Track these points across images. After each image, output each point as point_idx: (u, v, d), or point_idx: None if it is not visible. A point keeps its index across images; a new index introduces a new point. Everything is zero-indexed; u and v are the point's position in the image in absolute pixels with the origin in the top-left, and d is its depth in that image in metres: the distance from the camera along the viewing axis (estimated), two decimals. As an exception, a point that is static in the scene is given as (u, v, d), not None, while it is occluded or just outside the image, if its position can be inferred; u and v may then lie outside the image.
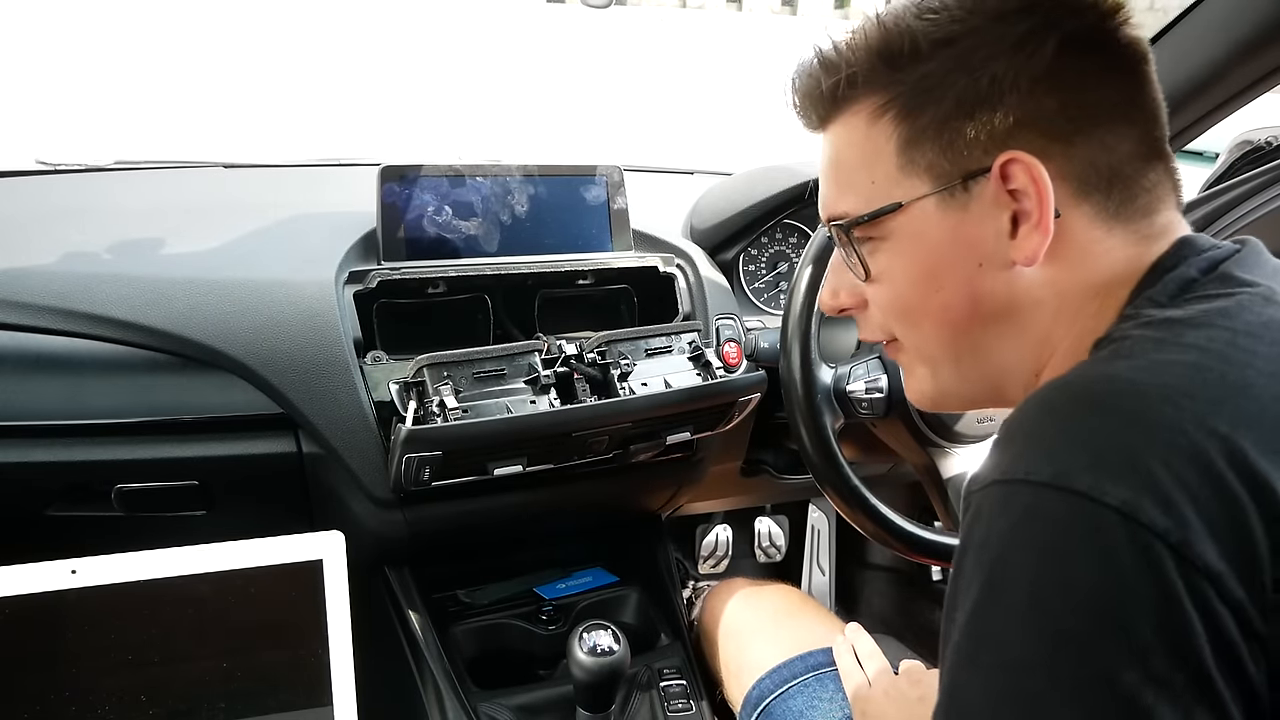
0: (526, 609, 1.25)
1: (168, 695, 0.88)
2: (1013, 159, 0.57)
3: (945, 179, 0.60)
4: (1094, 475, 0.45)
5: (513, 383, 1.05)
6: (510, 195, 1.18)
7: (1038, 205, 0.57)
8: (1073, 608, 0.43)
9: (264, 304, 1.03)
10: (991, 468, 0.50)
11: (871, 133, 0.62)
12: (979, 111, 0.58)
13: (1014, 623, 0.45)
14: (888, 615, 1.87)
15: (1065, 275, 0.60)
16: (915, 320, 0.65)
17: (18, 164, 1.39)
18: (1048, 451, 0.48)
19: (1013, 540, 0.47)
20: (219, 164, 1.46)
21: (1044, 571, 0.45)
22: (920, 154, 0.60)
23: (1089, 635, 0.43)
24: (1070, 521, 0.45)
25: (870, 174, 0.62)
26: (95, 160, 1.43)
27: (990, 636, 0.46)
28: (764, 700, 1.05)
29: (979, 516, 0.49)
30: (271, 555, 0.89)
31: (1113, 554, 0.43)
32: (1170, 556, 0.42)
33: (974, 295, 0.61)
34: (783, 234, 1.40)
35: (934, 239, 0.61)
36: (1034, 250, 0.58)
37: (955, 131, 0.59)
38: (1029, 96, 0.57)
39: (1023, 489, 0.47)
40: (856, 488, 1.01)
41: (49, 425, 1.01)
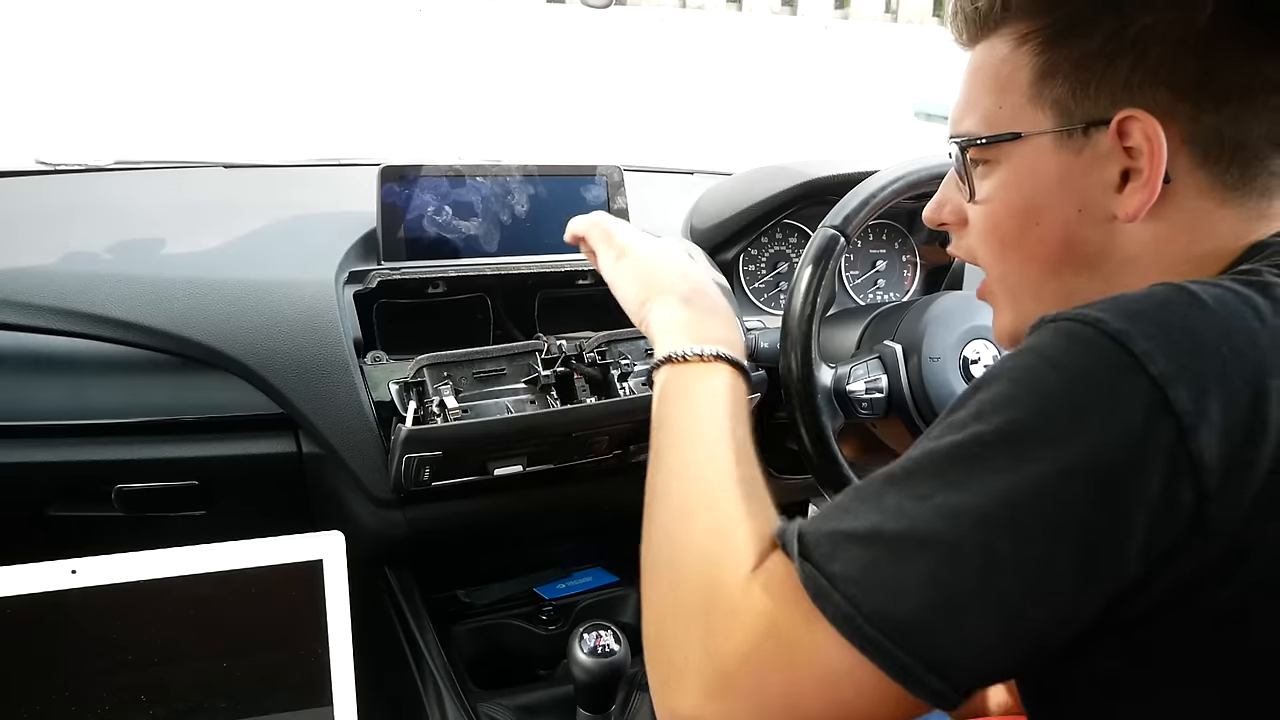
0: (526, 609, 1.25)
1: (168, 695, 0.88)
2: (1132, 116, 0.57)
3: (1068, 119, 0.60)
4: (1152, 343, 0.47)
5: (513, 383, 1.05)
6: (510, 195, 1.18)
7: (1149, 166, 0.57)
8: (1069, 424, 0.47)
9: (264, 304, 1.03)
10: (1068, 312, 0.52)
11: (1010, 58, 0.62)
12: (1118, 59, 0.57)
13: (1012, 411, 0.49)
14: (888, 615, 1.87)
15: (1165, 238, 0.60)
16: (1005, 251, 0.66)
17: (18, 164, 1.39)
18: (1125, 313, 0.49)
19: (1054, 357, 0.50)
20: (219, 164, 1.46)
21: (1062, 389, 0.48)
22: (1051, 89, 0.60)
23: (1065, 444, 0.47)
24: (1111, 369, 0.47)
25: (999, 99, 0.63)
26: (95, 160, 1.43)
27: (985, 414, 0.50)
28: None
29: (1038, 334, 0.52)
30: (271, 555, 0.89)
31: (1128, 408, 0.46)
32: (1174, 432, 0.46)
33: (1068, 238, 0.62)
34: (783, 234, 1.40)
35: (1042, 175, 0.62)
36: (1136, 208, 0.58)
37: (1090, 74, 0.58)
38: (1172, 54, 0.57)
39: (1089, 329, 0.49)
40: (856, 488, 1.01)
41: (49, 425, 1.01)
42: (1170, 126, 0.57)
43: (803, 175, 1.31)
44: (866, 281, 1.44)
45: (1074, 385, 0.49)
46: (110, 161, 1.44)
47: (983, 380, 0.53)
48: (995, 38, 0.63)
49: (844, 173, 1.26)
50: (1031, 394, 0.49)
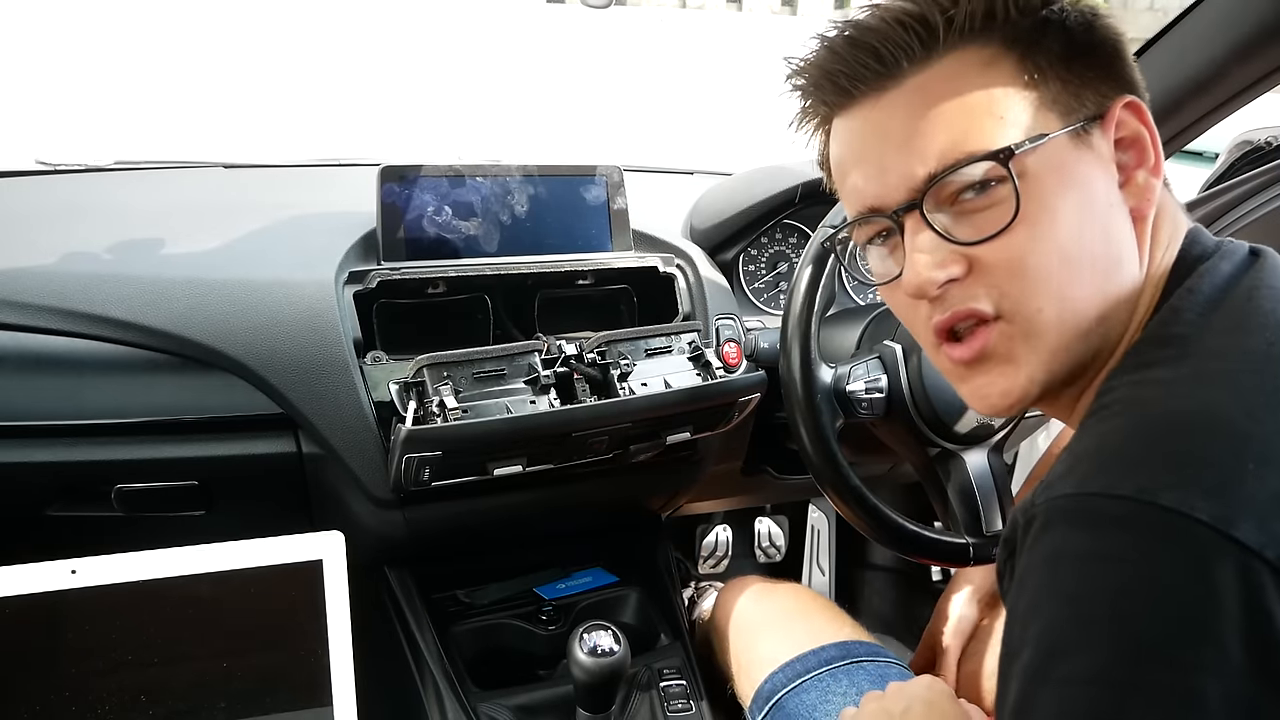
0: (526, 609, 1.25)
1: (168, 695, 0.88)
2: (1129, 101, 0.58)
3: (1072, 117, 0.59)
4: (1181, 491, 0.43)
5: (513, 383, 1.05)
6: (510, 195, 1.18)
7: (1152, 147, 0.58)
8: (1161, 619, 0.42)
9: (264, 304, 1.03)
10: (1061, 485, 0.49)
11: (989, 72, 0.59)
12: (1097, 50, 0.59)
13: (1095, 633, 0.44)
14: (888, 615, 1.87)
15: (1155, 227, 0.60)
16: (1044, 273, 0.58)
17: (18, 164, 1.39)
18: (1127, 467, 0.46)
19: (1096, 551, 0.45)
20: (219, 164, 1.46)
21: (1131, 582, 0.43)
22: (1044, 91, 0.59)
23: (1177, 648, 0.41)
24: (1159, 535, 0.43)
25: (1000, 110, 0.59)
26: (95, 160, 1.43)
27: (1066, 648, 0.44)
28: (776, 694, 1.05)
29: (1052, 529, 0.48)
30: (271, 555, 0.90)
31: (1205, 568, 0.42)
32: (1268, 573, 0.41)
33: (1106, 234, 0.59)
34: (783, 234, 1.40)
35: (1069, 173, 0.58)
36: (1151, 194, 0.58)
37: (1076, 70, 0.59)
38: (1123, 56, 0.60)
39: (1103, 502, 0.46)
40: (856, 488, 1.01)
41: (49, 425, 1.01)
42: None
43: (803, 175, 1.31)
44: (867, 281, 1.44)
45: (1142, 574, 0.44)
46: (110, 161, 1.44)
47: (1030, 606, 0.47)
48: (953, 56, 0.60)
49: (844, 173, 1.26)
50: (1101, 608, 0.44)
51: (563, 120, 7.49)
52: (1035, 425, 1.53)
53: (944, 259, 0.61)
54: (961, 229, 0.60)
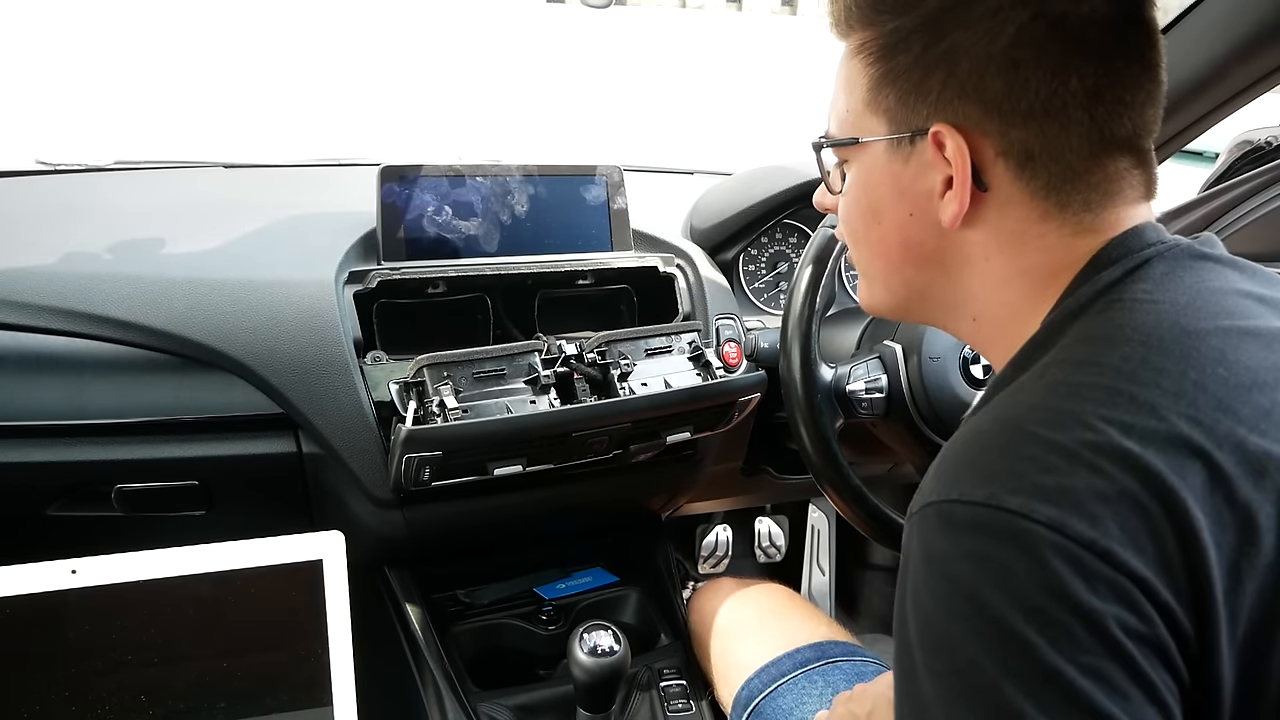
0: (526, 609, 1.25)
1: (168, 695, 0.88)
2: (941, 130, 0.60)
3: (897, 128, 0.63)
4: (1024, 497, 0.48)
5: (513, 383, 1.05)
6: (510, 195, 1.18)
7: (959, 177, 0.60)
8: (1013, 609, 0.47)
9: (264, 304, 1.03)
10: (928, 492, 0.53)
11: (852, 66, 0.65)
12: (933, 72, 0.60)
13: (962, 626, 0.48)
14: (888, 615, 1.86)
15: (993, 247, 0.63)
16: (857, 242, 0.71)
17: (18, 164, 1.39)
18: (980, 475, 0.51)
19: (953, 552, 0.50)
20: (219, 164, 1.46)
21: (984, 579, 0.48)
22: (884, 98, 0.63)
23: (1029, 633, 0.46)
24: (1006, 535, 0.48)
25: (846, 103, 0.67)
26: (95, 160, 1.43)
27: (941, 643, 0.49)
28: (753, 700, 1.05)
29: (919, 535, 0.53)
30: (271, 555, 0.90)
31: (1046, 562, 0.47)
32: (1099, 562, 0.46)
33: (904, 240, 0.66)
34: (783, 234, 1.40)
35: (878, 180, 0.66)
36: (953, 216, 0.61)
37: (913, 86, 0.61)
38: (980, 70, 0.58)
39: (958, 508, 0.50)
40: (857, 488, 1.01)
41: (49, 425, 1.01)
42: (983, 139, 0.59)
43: (803, 175, 1.31)
44: (866, 281, 1.44)
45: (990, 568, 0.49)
46: (110, 161, 1.44)
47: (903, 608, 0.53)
48: (850, 41, 0.66)
49: (844, 173, 1.26)
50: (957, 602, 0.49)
51: (563, 120, 7.49)
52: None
53: (823, 189, 0.76)
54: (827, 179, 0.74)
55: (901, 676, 0.52)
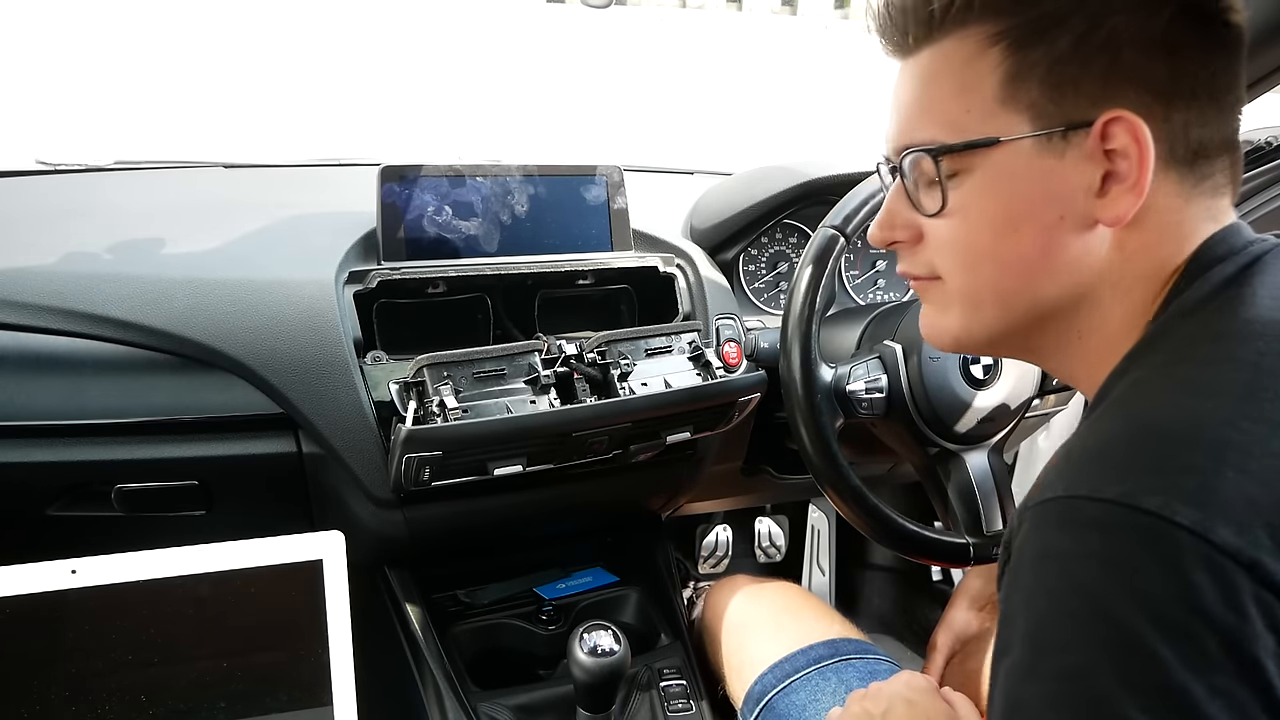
0: (526, 609, 1.25)
1: (168, 695, 0.88)
2: (1118, 117, 0.56)
3: (1046, 122, 0.58)
4: (1164, 496, 0.45)
5: (513, 383, 1.05)
6: (510, 195, 1.18)
7: (1137, 166, 0.57)
8: (1142, 617, 0.43)
9: (264, 304, 1.03)
10: (1050, 487, 0.50)
11: (975, 63, 0.60)
12: (1093, 60, 0.57)
13: (1079, 630, 0.45)
14: (888, 615, 1.87)
15: (1138, 242, 0.59)
16: (977, 261, 0.63)
17: (18, 164, 1.39)
18: (1113, 470, 0.48)
19: (1079, 551, 0.47)
20: (219, 164, 1.46)
21: (1111, 582, 0.45)
22: (1024, 91, 0.58)
23: (1157, 644, 0.42)
24: (1140, 537, 0.45)
25: (965, 104, 0.60)
26: (95, 160, 1.43)
27: (1052, 645, 0.46)
28: (766, 695, 1.05)
29: (1039, 529, 0.49)
30: (271, 555, 0.90)
31: (1183, 570, 0.43)
32: (1243, 575, 0.42)
33: (1047, 248, 0.60)
34: (783, 234, 1.40)
35: (1023, 182, 0.60)
36: (1123, 212, 0.57)
37: (1064, 76, 0.57)
38: (1144, 55, 0.56)
39: (1087, 504, 0.47)
40: (856, 488, 1.01)
41: (49, 425, 1.01)
42: (1145, 125, 0.56)
43: (803, 175, 1.31)
44: (866, 281, 1.44)
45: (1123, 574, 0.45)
46: (110, 161, 1.44)
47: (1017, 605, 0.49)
48: (950, 40, 0.61)
49: (844, 173, 1.26)
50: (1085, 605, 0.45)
51: (563, 120, 7.49)
52: (1035, 425, 1.53)
53: (897, 223, 0.68)
54: (923, 199, 0.65)
55: (1003, 676, 0.48)
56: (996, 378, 1.07)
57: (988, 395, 1.06)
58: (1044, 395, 1.15)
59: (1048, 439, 1.69)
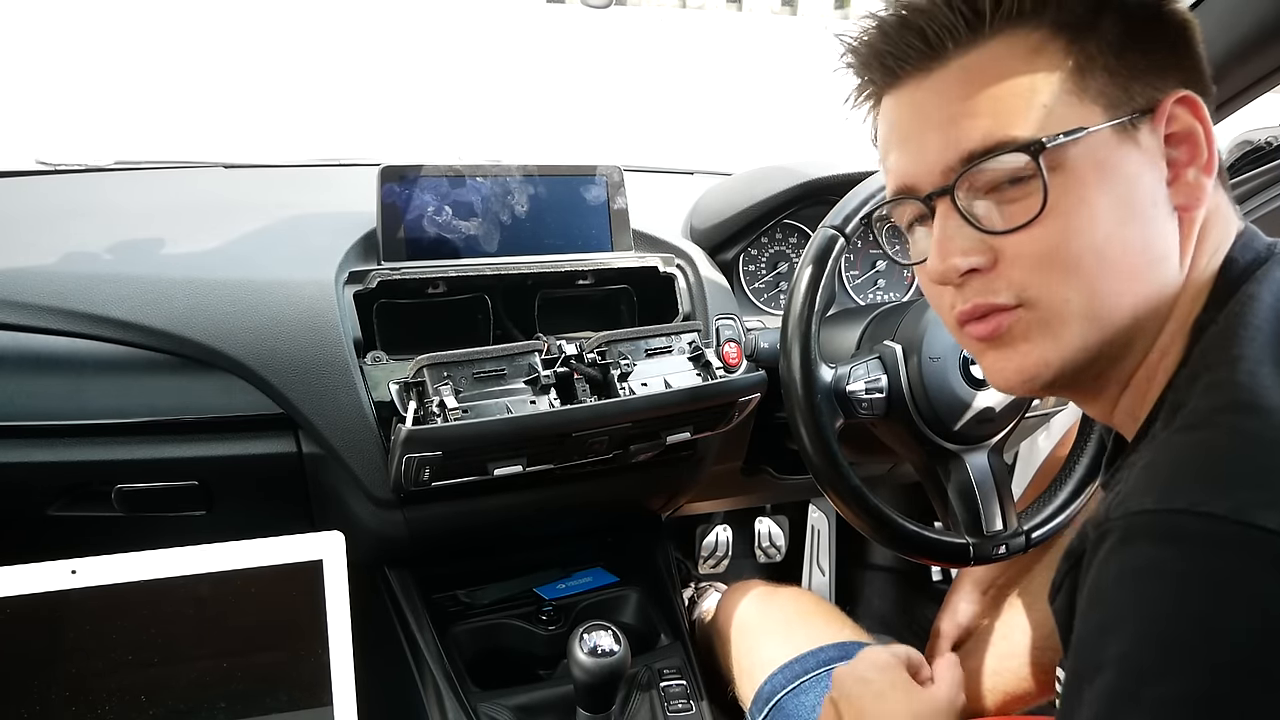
0: (526, 609, 1.25)
1: (168, 695, 0.88)
2: (1184, 97, 0.55)
3: (1119, 110, 0.57)
4: (1278, 511, 0.42)
5: (513, 383, 1.05)
6: (510, 195, 1.18)
7: (1206, 144, 0.55)
8: (1259, 642, 0.41)
9: (264, 304, 1.03)
10: (1139, 498, 0.47)
11: (1037, 59, 0.57)
12: (1152, 42, 0.56)
13: (1187, 655, 0.42)
14: (888, 615, 1.87)
15: (1204, 226, 0.58)
16: (1078, 266, 0.57)
17: (18, 164, 1.39)
18: (1217, 485, 0.45)
19: (1187, 571, 0.43)
20: (219, 164, 1.46)
21: (1225, 605, 0.42)
22: (1093, 80, 0.57)
23: (1276, 670, 0.40)
24: (1257, 556, 0.42)
25: (1040, 98, 0.57)
26: (95, 160, 1.43)
27: (1157, 670, 0.43)
28: (775, 695, 1.05)
29: (1130, 544, 0.46)
30: (271, 555, 0.90)
31: None
32: None
33: (1149, 237, 0.57)
34: (783, 234, 1.40)
35: (1115, 172, 0.57)
36: (1201, 193, 0.56)
37: (1124, 62, 0.56)
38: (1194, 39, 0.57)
39: (1192, 520, 0.44)
40: (856, 488, 1.01)
41: (49, 425, 1.01)
42: None
43: (803, 175, 1.31)
44: (866, 281, 1.44)
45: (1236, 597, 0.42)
46: (110, 161, 1.44)
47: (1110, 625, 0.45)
48: (998, 42, 0.58)
49: (844, 173, 1.26)
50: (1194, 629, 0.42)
51: (563, 120, 7.49)
52: (1035, 425, 1.53)
53: (969, 247, 0.60)
54: (993, 217, 0.59)
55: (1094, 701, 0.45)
56: (996, 378, 1.07)
57: (988, 395, 1.06)
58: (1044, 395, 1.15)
59: (1048, 439, 1.69)
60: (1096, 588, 0.47)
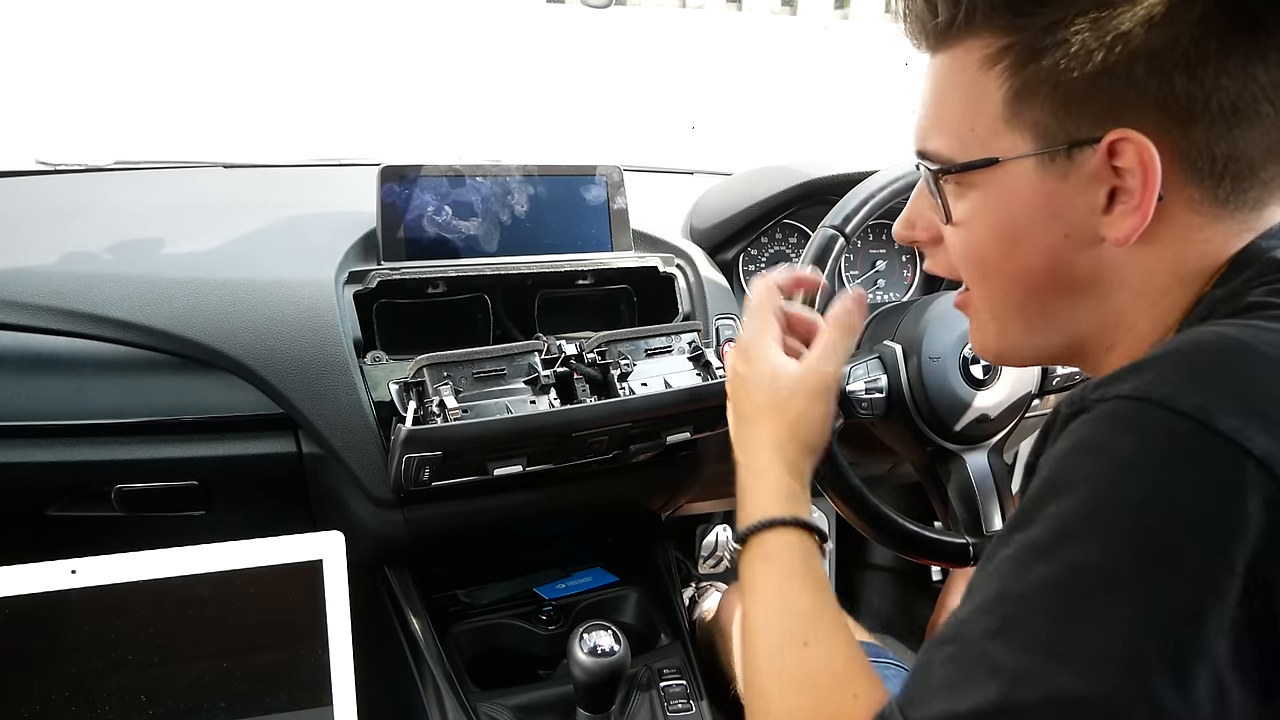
0: (526, 609, 1.25)
1: (168, 695, 0.88)
2: (1124, 138, 0.53)
3: (1049, 141, 0.56)
4: (1241, 420, 0.44)
5: (513, 383, 1.05)
6: (510, 195, 1.18)
7: (1141, 188, 0.54)
8: (1181, 532, 0.43)
9: (264, 304, 1.03)
10: (1119, 385, 0.48)
11: (981, 77, 0.57)
12: (1102, 77, 0.53)
13: (1111, 528, 0.44)
14: (888, 615, 1.87)
15: (1153, 258, 0.57)
16: (986, 274, 0.63)
17: (18, 164, 1.39)
18: (1192, 383, 0.46)
19: (1136, 455, 0.45)
20: (219, 164, 1.46)
21: (1162, 492, 0.44)
22: (1029, 109, 0.56)
23: (1187, 562, 0.42)
24: (1205, 456, 0.44)
25: (971, 120, 0.59)
26: (95, 160, 1.43)
27: (1079, 534, 0.45)
28: None
29: (1097, 423, 0.48)
30: (271, 555, 0.89)
31: (1240, 499, 0.42)
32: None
33: (1053, 265, 0.59)
34: (783, 234, 1.40)
35: (1024, 200, 0.58)
36: (1128, 232, 0.55)
37: (1070, 93, 0.54)
38: (1159, 70, 0.52)
39: (1157, 410, 0.46)
40: (856, 488, 1.01)
41: (49, 425, 1.01)
42: (1160, 144, 0.53)
43: (803, 175, 1.31)
44: (866, 281, 1.44)
45: (1176, 490, 0.44)
46: (110, 161, 1.44)
47: (1053, 486, 0.48)
48: (960, 51, 0.59)
49: (844, 173, 1.26)
50: (1127, 509, 0.44)
51: (563, 120, 7.49)
52: (1035, 425, 1.53)
53: (912, 219, 0.68)
54: (939, 204, 0.64)
55: (1010, 547, 0.47)
56: (996, 378, 1.07)
57: (988, 395, 1.06)
58: (1044, 395, 1.15)
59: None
60: (1055, 454, 0.49)
